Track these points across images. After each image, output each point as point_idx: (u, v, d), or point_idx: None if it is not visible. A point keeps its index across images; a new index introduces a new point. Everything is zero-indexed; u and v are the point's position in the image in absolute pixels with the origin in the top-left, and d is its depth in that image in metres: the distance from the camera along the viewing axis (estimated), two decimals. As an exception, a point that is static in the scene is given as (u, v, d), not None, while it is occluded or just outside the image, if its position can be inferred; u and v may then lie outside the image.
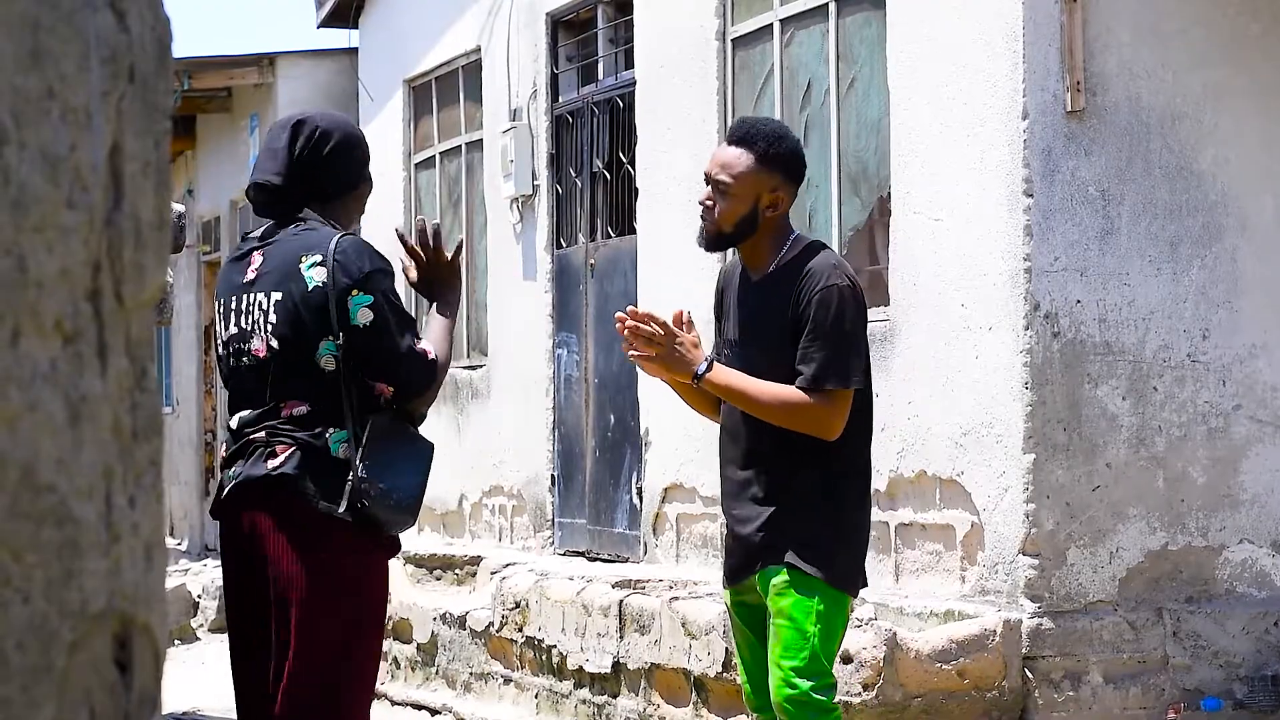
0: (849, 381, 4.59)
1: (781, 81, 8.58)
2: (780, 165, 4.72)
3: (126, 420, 1.61)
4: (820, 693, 4.57)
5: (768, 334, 4.69)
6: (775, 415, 4.61)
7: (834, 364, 4.58)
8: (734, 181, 4.70)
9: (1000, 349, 7.05)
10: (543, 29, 10.86)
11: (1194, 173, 7.22)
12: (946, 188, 7.33)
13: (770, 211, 4.72)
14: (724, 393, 4.67)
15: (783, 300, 4.66)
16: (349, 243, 4.35)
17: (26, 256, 1.46)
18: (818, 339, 4.58)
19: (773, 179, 4.70)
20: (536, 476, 10.83)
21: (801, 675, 4.56)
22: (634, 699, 7.92)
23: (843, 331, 4.59)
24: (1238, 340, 7.24)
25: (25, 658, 1.45)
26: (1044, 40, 7.00)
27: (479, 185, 11.85)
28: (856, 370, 4.61)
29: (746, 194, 4.70)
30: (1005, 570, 7.02)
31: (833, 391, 4.58)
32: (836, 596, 4.61)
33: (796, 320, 4.63)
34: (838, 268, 4.68)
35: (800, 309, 4.62)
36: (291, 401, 4.32)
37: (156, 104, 1.68)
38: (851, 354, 4.60)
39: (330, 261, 4.29)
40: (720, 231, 4.76)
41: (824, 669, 4.59)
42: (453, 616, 9.55)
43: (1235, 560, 7.22)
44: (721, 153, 4.80)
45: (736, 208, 4.71)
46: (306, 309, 4.29)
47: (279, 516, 4.31)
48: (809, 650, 4.57)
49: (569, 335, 10.58)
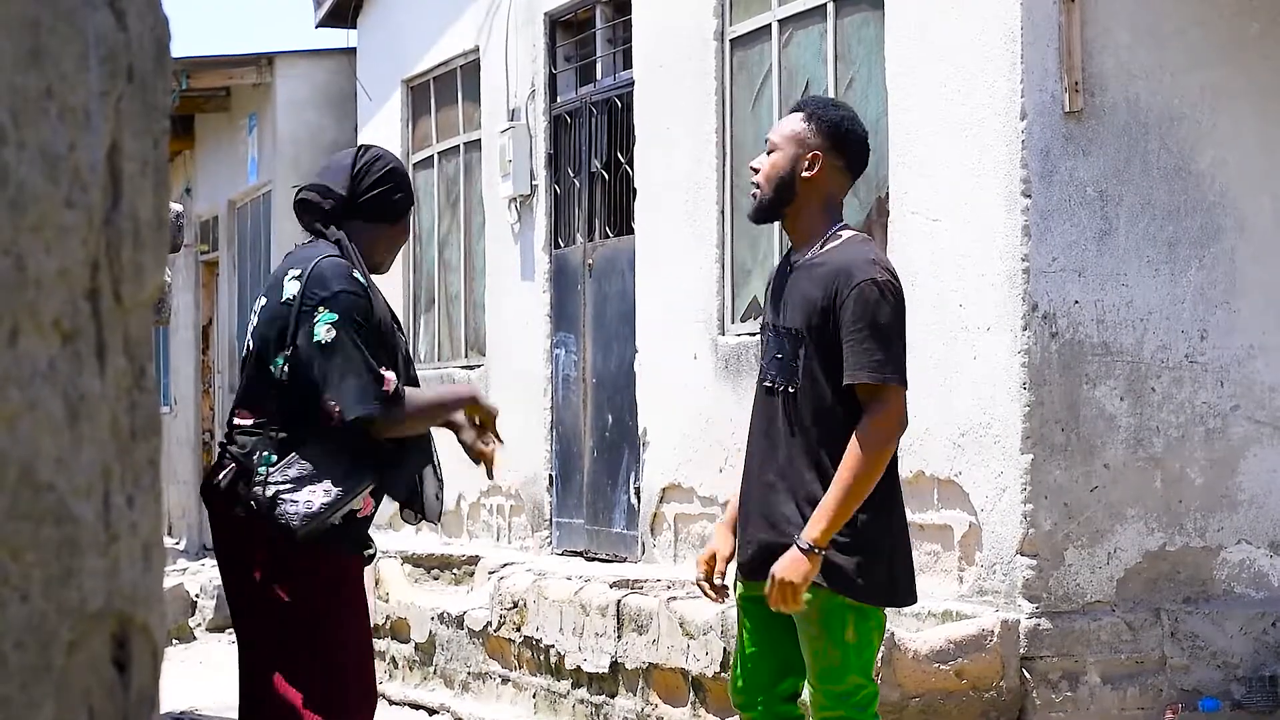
0: (885, 377, 4.50)
1: (780, 82, 8.58)
2: (826, 130, 4.69)
3: (125, 420, 1.61)
4: (857, 708, 4.57)
5: (803, 320, 4.60)
6: (871, 472, 4.46)
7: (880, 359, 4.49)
8: (779, 139, 4.72)
9: (998, 349, 7.05)
10: (541, 29, 10.86)
11: (1192, 173, 7.22)
12: (944, 188, 7.33)
13: (807, 172, 4.66)
14: (838, 523, 4.46)
15: (817, 289, 4.58)
16: (329, 263, 4.47)
17: (25, 256, 1.46)
18: (860, 336, 4.50)
19: (815, 140, 4.68)
20: (534, 476, 10.83)
21: (840, 697, 4.56)
22: (632, 699, 7.92)
23: (880, 327, 4.51)
24: (1236, 341, 7.24)
25: (24, 657, 1.45)
26: (1042, 41, 7.00)
27: (477, 185, 11.85)
28: (891, 366, 4.51)
29: (789, 152, 4.69)
30: (1003, 570, 7.02)
31: (877, 388, 4.50)
32: (865, 611, 4.56)
33: (829, 313, 4.55)
34: (876, 261, 4.61)
35: (835, 301, 4.54)
36: (243, 410, 4.49)
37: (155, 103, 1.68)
38: (891, 349, 4.51)
39: (305, 277, 4.43)
40: (760, 196, 4.72)
41: (859, 683, 4.56)
42: (450, 616, 9.55)
43: (1233, 561, 7.22)
44: (779, 123, 4.85)
45: (777, 165, 4.70)
46: (277, 319, 4.45)
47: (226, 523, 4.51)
48: (842, 668, 4.55)
49: (567, 335, 10.58)
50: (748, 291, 8.88)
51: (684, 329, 9.16)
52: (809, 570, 4.42)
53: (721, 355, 8.84)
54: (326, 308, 4.38)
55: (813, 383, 4.58)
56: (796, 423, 4.60)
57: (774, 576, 4.44)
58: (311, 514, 4.34)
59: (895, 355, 4.51)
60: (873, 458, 4.44)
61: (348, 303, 4.40)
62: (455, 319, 12.30)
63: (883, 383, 4.48)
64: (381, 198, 4.61)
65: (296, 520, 4.33)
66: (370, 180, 4.60)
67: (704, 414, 8.93)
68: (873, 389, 4.49)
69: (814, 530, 4.42)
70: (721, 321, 8.94)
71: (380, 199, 4.61)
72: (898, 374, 4.51)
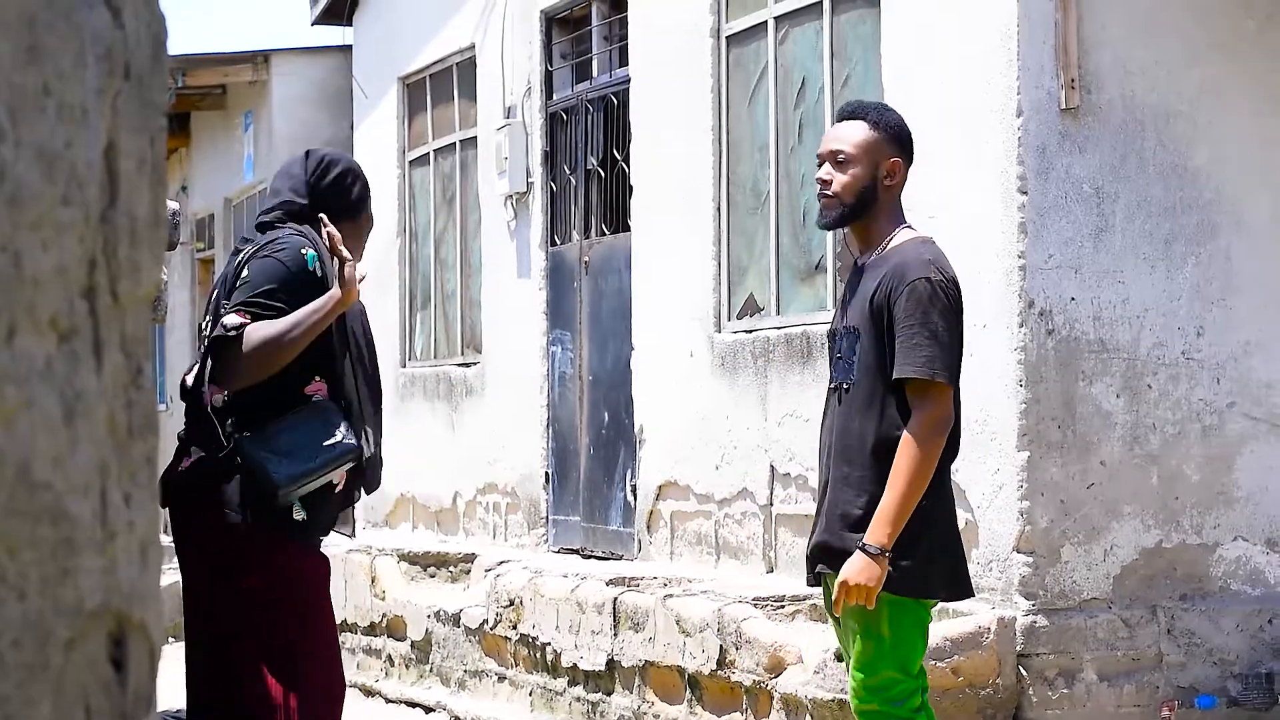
0: (934, 373, 4.50)
1: (776, 79, 8.58)
2: (894, 134, 4.77)
3: (122, 417, 1.61)
4: (895, 702, 4.58)
5: (860, 318, 4.64)
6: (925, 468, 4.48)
7: (929, 356, 4.51)
8: (854, 150, 4.72)
9: (994, 346, 7.05)
10: (537, 26, 10.86)
11: (1188, 170, 7.22)
12: (941, 185, 7.32)
13: (889, 180, 4.72)
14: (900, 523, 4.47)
15: (874, 285, 4.62)
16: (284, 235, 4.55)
17: (22, 253, 1.46)
18: (911, 333, 4.52)
19: (891, 147, 4.74)
20: (531, 474, 10.83)
21: (872, 690, 4.58)
22: (628, 696, 7.92)
23: (932, 324, 4.53)
24: (1232, 338, 7.24)
25: (21, 655, 1.45)
26: (1038, 37, 7.00)
27: (473, 183, 11.84)
28: (945, 365, 4.52)
29: (867, 162, 4.71)
30: (999, 568, 7.02)
31: (924, 384, 4.52)
32: (902, 604, 4.57)
33: (883, 309, 4.57)
34: (933, 262, 4.63)
35: (890, 298, 4.56)
36: (214, 387, 4.46)
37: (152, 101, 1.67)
38: (942, 347, 4.52)
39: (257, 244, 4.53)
40: (842, 205, 4.72)
41: (896, 678, 4.58)
42: (447, 614, 9.55)
43: (1229, 558, 7.22)
44: (835, 130, 4.85)
45: (858, 177, 4.71)
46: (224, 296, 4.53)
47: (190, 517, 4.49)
48: (878, 662, 4.57)
49: (563, 333, 10.58)
50: (744, 289, 8.88)
51: (680, 326, 9.16)
52: (879, 573, 4.45)
53: (718, 353, 8.84)
54: (249, 264, 4.49)
55: (868, 379, 4.61)
56: (850, 419, 4.64)
57: (844, 581, 4.47)
58: (293, 476, 4.33)
59: (944, 353, 4.53)
60: (924, 454, 4.47)
61: (265, 266, 4.49)
62: (451, 316, 12.30)
63: (930, 378, 4.51)
64: (341, 196, 4.67)
65: (284, 483, 4.32)
66: (328, 181, 4.67)
67: (700, 411, 8.93)
68: (921, 385, 4.52)
69: (879, 533, 4.46)
70: (718, 319, 8.94)
71: (341, 197, 4.67)
72: (946, 371, 4.53)
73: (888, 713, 4.59)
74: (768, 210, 8.62)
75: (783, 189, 8.55)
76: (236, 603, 4.39)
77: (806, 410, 7.94)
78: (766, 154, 8.64)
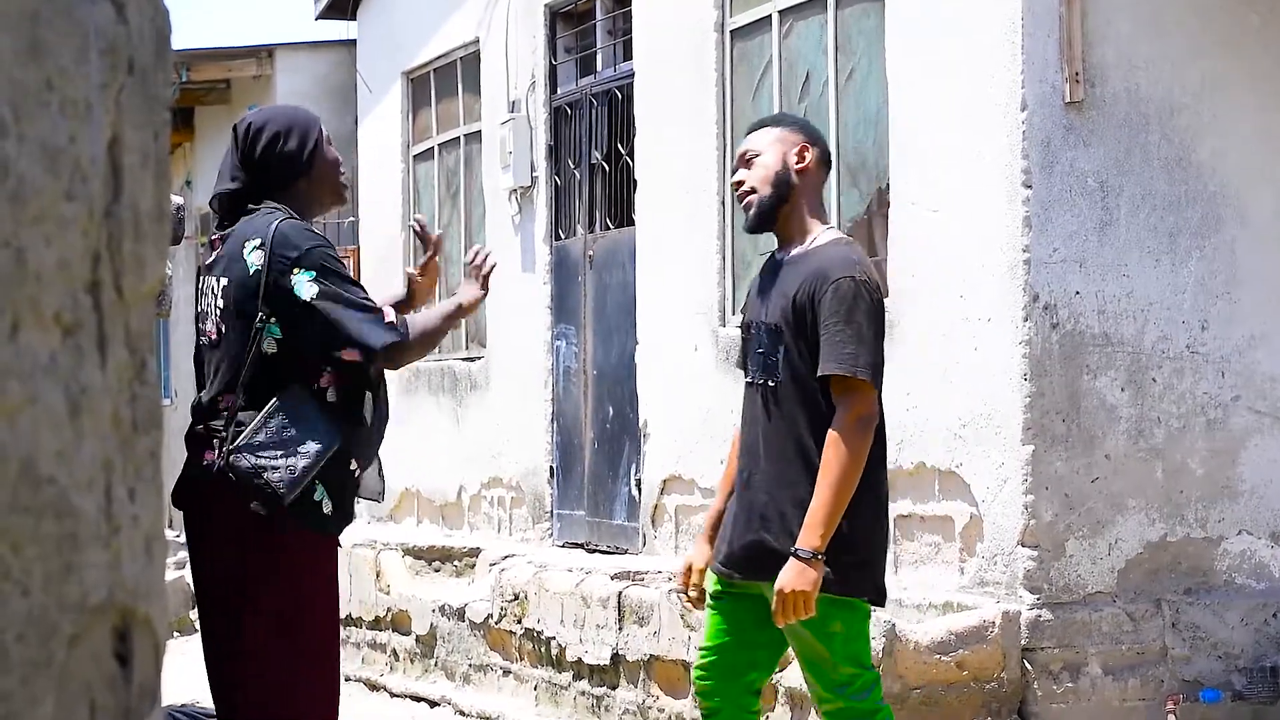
0: (856, 370, 4.54)
1: (780, 73, 8.57)
2: (799, 126, 4.91)
3: (126, 412, 1.61)
4: (858, 696, 4.61)
5: (781, 315, 4.68)
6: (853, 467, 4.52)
7: (851, 354, 4.55)
8: (759, 146, 4.83)
9: (999, 340, 7.05)
10: (541, 20, 10.85)
11: (1193, 164, 7.22)
12: (945, 179, 7.32)
13: (800, 164, 4.78)
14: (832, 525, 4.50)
15: (797, 285, 4.66)
16: (287, 226, 4.41)
17: (26, 249, 1.46)
18: (834, 330, 4.56)
19: (795, 136, 4.83)
20: (535, 468, 10.83)
21: (836, 688, 4.61)
22: (633, 690, 7.93)
23: (855, 323, 4.57)
24: (1236, 331, 7.24)
25: (25, 650, 1.45)
26: (1043, 31, 6.99)
27: (477, 177, 11.84)
28: (867, 363, 4.56)
29: (774, 151, 4.80)
30: (1004, 562, 7.02)
31: (847, 381, 4.56)
32: (850, 603, 4.61)
33: (805, 307, 4.61)
34: (857, 263, 4.68)
35: (813, 297, 4.60)
36: (228, 394, 4.40)
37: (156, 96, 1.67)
38: (864, 345, 4.57)
39: (268, 245, 4.36)
40: (760, 196, 4.78)
41: (856, 671, 4.62)
42: (452, 608, 9.55)
43: (1234, 551, 7.22)
44: (743, 141, 4.95)
45: (768, 165, 4.79)
46: (247, 293, 4.37)
47: (210, 512, 4.42)
48: (835, 661, 4.60)
49: (568, 327, 10.58)
50: (748, 283, 8.87)
51: (684, 321, 9.16)
52: (815, 578, 4.47)
53: (722, 347, 8.84)
54: (300, 267, 4.33)
55: (791, 376, 4.65)
56: (777, 417, 4.67)
57: (781, 590, 4.47)
58: (294, 479, 4.29)
59: (867, 351, 4.58)
60: (850, 452, 4.51)
61: (320, 256, 4.36)
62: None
63: (852, 375, 4.55)
64: (279, 158, 4.49)
65: (284, 487, 4.29)
66: (260, 148, 4.49)
67: (705, 406, 8.93)
68: (844, 382, 4.56)
69: (811, 537, 4.48)
70: (722, 313, 8.94)
71: (279, 160, 4.49)
72: (870, 369, 4.57)
73: (854, 708, 4.62)
74: (772, 204, 8.60)
75: (787, 183, 8.54)
76: (249, 598, 4.36)
77: (811, 404, 7.94)
78: (770, 148, 8.63)
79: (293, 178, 4.51)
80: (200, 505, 4.41)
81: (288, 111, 4.65)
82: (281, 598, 4.36)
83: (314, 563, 4.44)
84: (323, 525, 4.40)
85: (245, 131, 4.53)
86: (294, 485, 4.30)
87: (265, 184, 4.50)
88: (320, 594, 4.47)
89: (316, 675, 4.44)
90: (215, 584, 4.41)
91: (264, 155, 4.50)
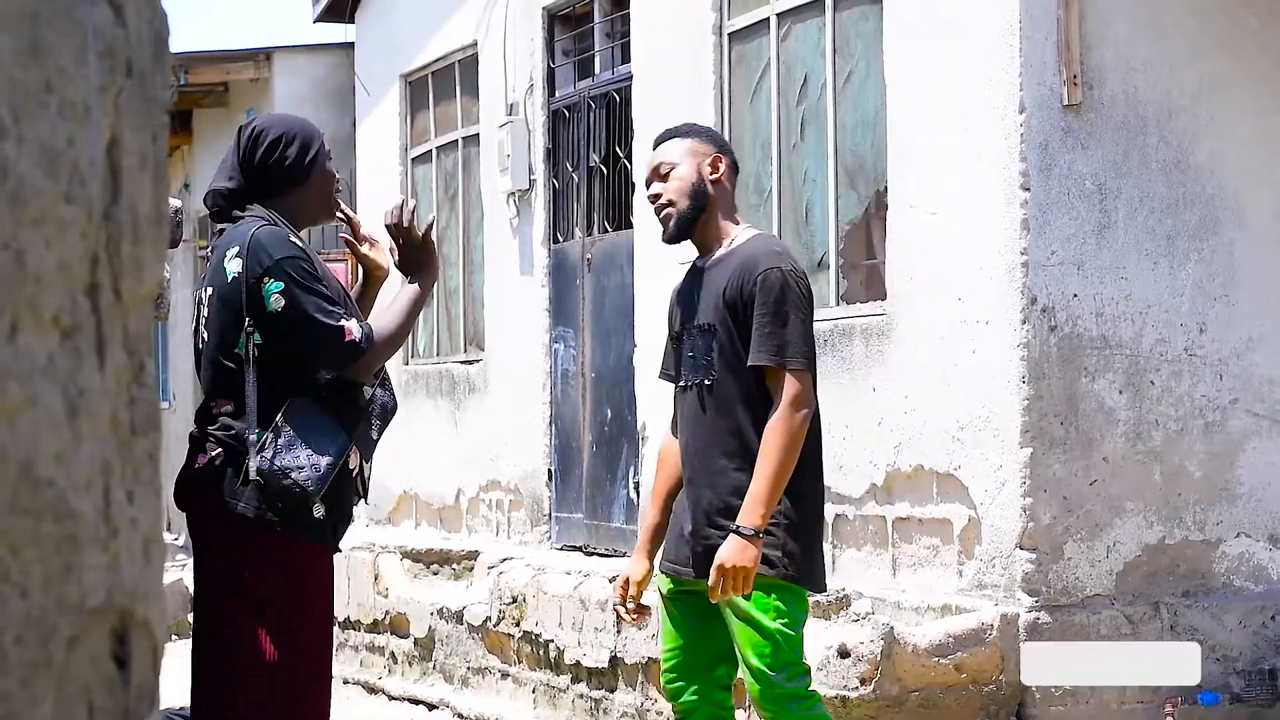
0: (786, 359, 4.67)
1: (778, 76, 8.57)
2: (707, 136, 5.04)
3: (124, 415, 1.61)
4: (794, 682, 4.70)
5: (714, 314, 4.79)
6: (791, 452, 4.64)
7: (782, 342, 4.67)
8: (673, 158, 4.93)
9: (997, 343, 7.05)
10: (539, 23, 10.85)
11: (1191, 166, 7.22)
12: (943, 182, 7.32)
13: (714, 174, 4.90)
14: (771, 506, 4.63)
15: (725, 281, 4.78)
16: (264, 233, 4.44)
17: (25, 250, 1.46)
18: (765, 321, 4.69)
19: (706, 147, 4.95)
20: (533, 471, 10.83)
21: (773, 670, 4.68)
22: (631, 693, 7.93)
23: (785, 313, 4.69)
24: (1235, 334, 7.24)
25: (24, 652, 1.45)
26: (1041, 34, 7.00)
27: (475, 180, 11.85)
28: (799, 351, 4.69)
29: (689, 163, 4.91)
30: (1002, 564, 7.02)
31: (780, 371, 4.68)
32: (793, 589, 4.70)
33: (736, 302, 4.74)
34: (782, 254, 4.82)
35: (743, 291, 4.73)
36: (220, 399, 4.45)
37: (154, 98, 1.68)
38: (795, 333, 4.69)
39: (245, 252, 4.40)
40: (678, 209, 4.89)
41: (793, 659, 4.71)
42: (450, 611, 9.55)
43: (1232, 554, 7.22)
44: (652, 154, 5.05)
45: (684, 177, 4.89)
46: (228, 301, 4.41)
47: (202, 515, 4.46)
48: (774, 646, 4.68)
49: (566, 330, 10.58)
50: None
51: (683, 323, 9.15)
52: (755, 554, 4.60)
53: (720, 349, 8.83)
54: (270, 277, 4.36)
55: (727, 372, 4.78)
56: (714, 414, 4.79)
57: (721, 565, 4.59)
58: (320, 475, 4.33)
59: (798, 339, 4.70)
60: (789, 435, 4.64)
61: (289, 266, 4.38)
62: (454, 314, 12.30)
63: (783, 365, 4.68)
64: (277, 165, 4.52)
65: (312, 485, 4.31)
66: (259, 154, 4.52)
67: (703, 408, 8.92)
68: (777, 373, 4.69)
69: (752, 515, 4.61)
70: (720, 316, 8.93)
71: (277, 166, 4.52)
72: (801, 357, 4.70)
73: (791, 692, 4.69)
74: (770, 207, 8.61)
75: (785, 186, 8.54)
76: (244, 599, 4.38)
77: (809, 407, 7.94)
78: (769, 151, 8.63)
79: (288, 185, 4.55)
80: (201, 505, 4.43)
81: (292, 121, 4.68)
82: (279, 601, 4.37)
83: (310, 567, 4.45)
84: (315, 530, 4.41)
85: (249, 135, 4.55)
86: (322, 482, 4.33)
87: (260, 188, 4.53)
88: (316, 599, 4.48)
89: (311, 680, 4.45)
90: (214, 584, 4.42)
91: (263, 160, 4.52)
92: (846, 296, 8.14)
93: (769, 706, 4.69)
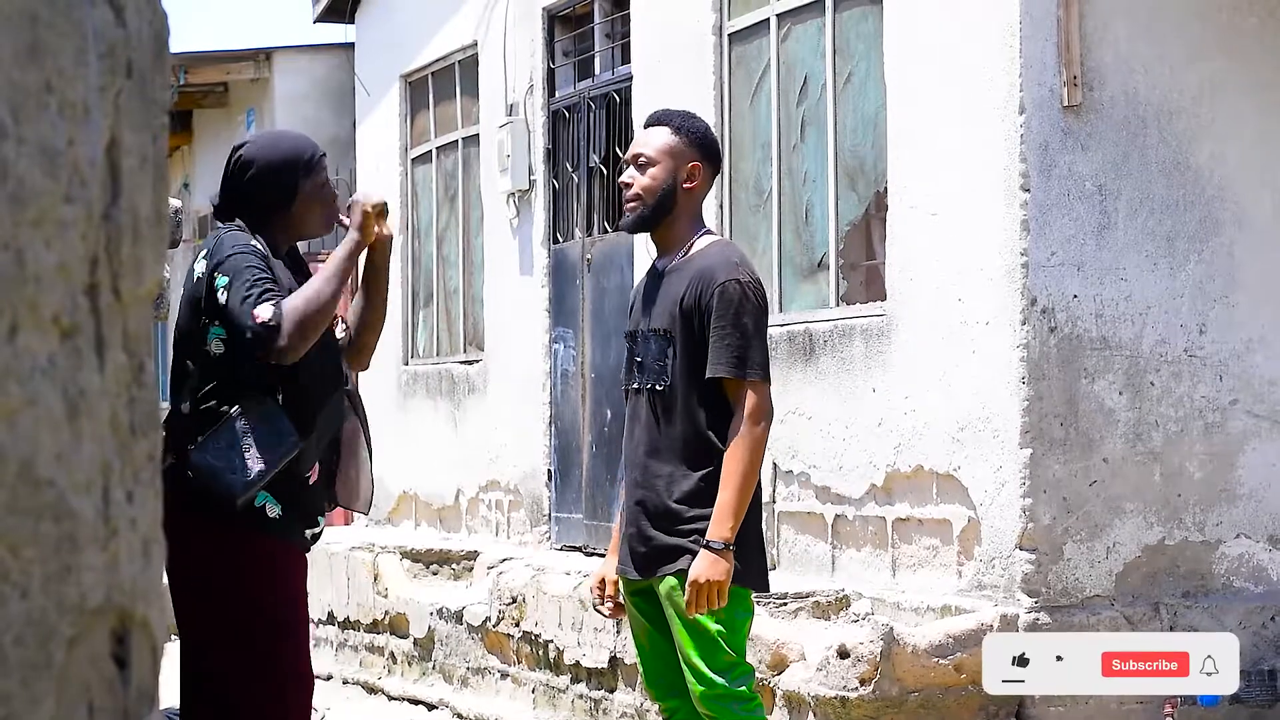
0: (746, 372, 4.69)
1: (778, 76, 8.57)
2: (696, 140, 4.94)
3: (124, 415, 1.61)
4: (736, 683, 4.72)
5: (669, 320, 4.81)
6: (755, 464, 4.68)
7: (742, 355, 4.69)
8: (654, 154, 4.90)
9: (997, 344, 7.05)
10: (539, 24, 10.85)
11: (1191, 167, 7.22)
12: (943, 182, 7.33)
13: (689, 184, 4.89)
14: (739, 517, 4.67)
15: (683, 288, 4.79)
16: (226, 234, 4.56)
17: (24, 251, 1.46)
18: (724, 333, 4.70)
19: (692, 151, 4.91)
20: (533, 471, 10.83)
21: (715, 671, 4.70)
22: (631, 694, 7.93)
23: (744, 324, 4.71)
24: (1235, 335, 7.24)
25: (24, 652, 1.45)
26: (1041, 35, 7.00)
27: (475, 180, 11.85)
28: (757, 363, 4.71)
29: (668, 165, 4.89)
30: (1002, 565, 7.02)
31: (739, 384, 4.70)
32: (734, 590, 4.70)
33: (693, 311, 4.75)
34: (740, 265, 4.83)
35: (700, 300, 4.74)
36: (184, 398, 4.51)
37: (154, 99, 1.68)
38: (753, 345, 4.72)
39: (208, 254, 4.52)
40: (644, 205, 4.88)
41: (735, 660, 4.73)
42: (449, 611, 9.55)
43: (1232, 555, 7.22)
44: (639, 136, 5.03)
45: (658, 179, 4.88)
46: (193, 300, 4.52)
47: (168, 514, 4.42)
48: (716, 646, 4.70)
49: (565, 330, 10.58)
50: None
51: (683, 324, 9.15)
52: (726, 568, 4.62)
53: (720, 350, 8.83)
54: (220, 272, 4.44)
55: (682, 379, 4.78)
56: (665, 420, 4.81)
57: (695, 581, 4.62)
58: (249, 481, 4.35)
59: (756, 351, 4.73)
60: (753, 448, 4.68)
61: (237, 261, 4.44)
62: (454, 314, 12.30)
63: (743, 378, 4.71)
64: (260, 194, 4.60)
65: (238, 488, 4.34)
66: (242, 182, 4.62)
67: (703, 409, 8.92)
68: (737, 384, 4.72)
69: (722, 529, 4.64)
70: (720, 316, 8.93)
71: (259, 195, 4.61)
72: (759, 369, 4.73)
73: (734, 693, 4.71)
74: (770, 208, 8.61)
75: (785, 187, 8.54)
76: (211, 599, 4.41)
77: (809, 407, 7.94)
78: (769, 152, 8.64)
79: (271, 212, 4.63)
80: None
81: (282, 146, 4.70)
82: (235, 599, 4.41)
83: (270, 568, 4.47)
84: (270, 529, 4.43)
85: (235, 162, 4.65)
86: (248, 487, 4.36)
87: (244, 211, 4.63)
88: (277, 599, 4.49)
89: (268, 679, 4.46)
90: (174, 582, 4.46)
91: (245, 188, 4.62)
92: (846, 297, 8.14)
93: (710, 706, 4.71)
